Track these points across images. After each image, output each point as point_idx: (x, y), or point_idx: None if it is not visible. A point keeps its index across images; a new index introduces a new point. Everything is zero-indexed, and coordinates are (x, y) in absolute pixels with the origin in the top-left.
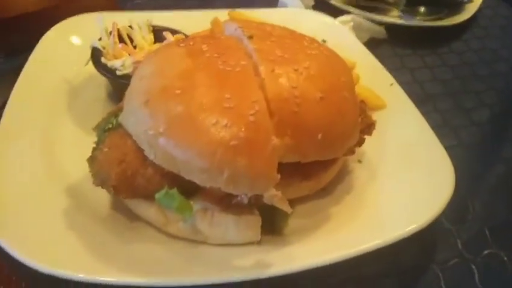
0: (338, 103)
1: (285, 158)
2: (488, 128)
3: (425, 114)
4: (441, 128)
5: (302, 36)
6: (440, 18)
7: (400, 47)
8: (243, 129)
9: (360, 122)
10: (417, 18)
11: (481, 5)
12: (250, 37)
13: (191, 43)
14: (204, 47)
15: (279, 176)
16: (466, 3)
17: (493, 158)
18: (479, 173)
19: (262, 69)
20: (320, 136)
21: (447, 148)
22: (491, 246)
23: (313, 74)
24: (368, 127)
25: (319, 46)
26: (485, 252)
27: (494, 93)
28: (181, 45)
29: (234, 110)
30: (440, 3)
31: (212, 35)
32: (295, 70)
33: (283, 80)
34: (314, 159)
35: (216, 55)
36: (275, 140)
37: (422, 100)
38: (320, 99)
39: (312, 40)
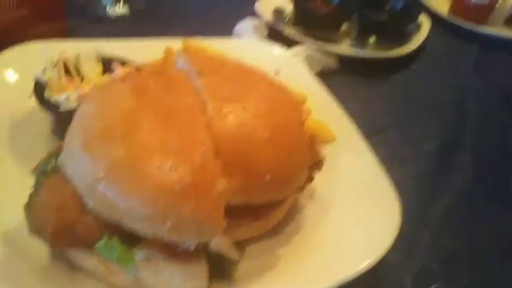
0: (287, 142)
1: (233, 200)
2: (434, 159)
3: (375, 145)
4: (390, 159)
5: (253, 71)
6: (390, 48)
7: (352, 77)
8: (188, 172)
9: (310, 159)
10: (368, 48)
11: (428, 34)
12: (200, 72)
13: (137, 79)
14: (151, 83)
15: (225, 221)
16: (414, 33)
17: (440, 188)
18: (426, 204)
19: (209, 107)
20: (268, 177)
21: (395, 180)
22: (439, 279)
23: (262, 112)
24: (317, 164)
25: (269, 81)
26: (434, 286)
27: (440, 124)
28: (126, 81)
29: (179, 152)
30: (389, 33)
31: (160, 70)
32: (244, 108)
33: (231, 119)
34: (263, 200)
35: (162, 92)
36: (222, 183)
37: (373, 131)
38: (269, 138)
39: (262, 76)
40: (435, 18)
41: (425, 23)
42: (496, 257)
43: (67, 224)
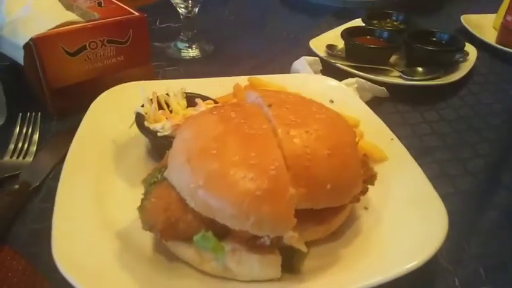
0: (343, 158)
1: (300, 205)
2: (482, 177)
3: (424, 165)
4: (439, 177)
5: (311, 102)
6: (438, 77)
7: (401, 104)
8: (265, 181)
9: (363, 174)
10: (416, 78)
11: (475, 63)
12: (269, 105)
13: (222, 111)
14: (233, 114)
15: (295, 220)
16: (461, 62)
17: (487, 204)
18: (474, 218)
19: (279, 131)
20: (328, 186)
21: (444, 196)
22: (485, 284)
23: (321, 135)
24: (370, 178)
25: (326, 110)
26: None
27: (488, 145)
28: (214, 112)
29: (258, 166)
30: (436, 64)
31: (238, 103)
32: (307, 132)
33: (297, 140)
34: (325, 206)
35: (242, 121)
36: (292, 190)
37: (422, 152)
38: (328, 155)
39: (320, 105)
40: (482, 47)
41: (472, 53)
42: None
43: (172, 221)
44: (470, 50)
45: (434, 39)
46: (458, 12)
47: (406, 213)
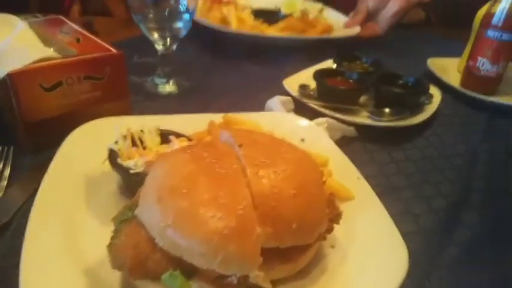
0: (308, 198)
1: (267, 244)
2: (443, 215)
3: (390, 202)
4: (404, 215)
5: (281, 142)
6: (404, 118)
7: (369, 144)
8: (233, 220)
9: (329, 213)
10: (384, 119)
11: (440, 105)
12: (240, 145)
13: (194, 150)
14: (205, 154)
15: (261, 258)
16: (426, 104)
17: (447, 241)
18: (435, 255)
19: (248, 171)
20: (294, 226)
21: (408, 233)
22: None
23: (288, 175)
24: (336, 217)
25: (294, 150)
26: None
27: (450, 184)
28: (187, 151)
29: (227, 205)
30: (403, 105)
31: (211, 143)
32: (275, 172)
33: (265, 181)
34: (290, 245)
35: (214, 160)
36: (258, 229)
37: (388, 191)
38: (293, 195)
39: (289, 145)
40: (448, 90)
41: (436, 95)
42: None
43: (141, 259)
44: (435, 92)
45: (401, 81)
46: (425, 55)
47: (370, 252)
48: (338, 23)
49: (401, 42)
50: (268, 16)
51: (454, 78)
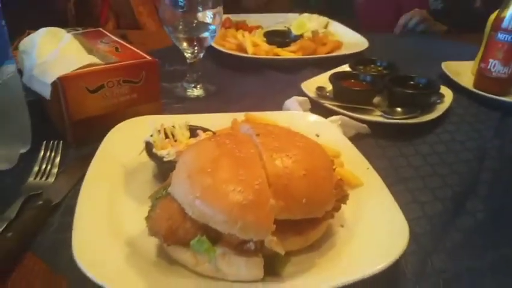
0: (317, 178)
1: (280, 215)
2: (448, 203)
3: (398, 192)
4: (411, 203)
5: (295, 133)
6: (415, 117)
7: (382, 140)
8: (250, 193)
9: (337, 193)
10: (396, 117)
11: (452, 105)
12: (257, 135)
13: (218, 138)
14: (227, 141)
15: (274, 226)
16: (438, 104)
17: (451, 227)
18: (438, 239)
19: (264, 155)
20: (304, 200)
21: (414, 219)
22: None
23: (299, 159)
24: (343, 197)
25: (306, 140)
26: None
27: (457, 176)
28: (212, 140)
29: (245, 181)
30: (414, 105)
31: (232, 133)
32: (287, 155)
33: (278, 162)
34: (301, 217)
35: (234, 146)
36: (272, 202)
37: (396, 181)
38: (304, 175)
39: (302, 136)
40: (461, 91)
41: (448, 95)
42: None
43: (174, 228)
44: (446, 93)
45: (413, 83)
46: (440, 60)
47: (375, 231)
48: (345, 37)
49: (417, 48)
50: (280, 38)
51: (467, 80)
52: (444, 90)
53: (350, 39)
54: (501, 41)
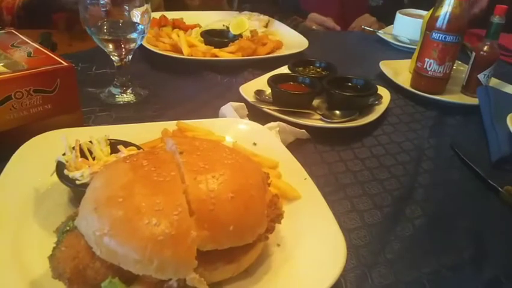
0: (246, 200)
1: (204, 247)
2: (387, 210)
3: (337, 201)
4: (350, 212)
5: (223, 148)
6: (353, 119)
7: (320, 145)
8: (168, 226)
9: (270, 213)
10: (335, 120)
11: (390, 105)
12: (181, 152)
13: (134, 159)
14: (144, 162)
15: (196, 262)
16: (376, 105)
17: (390, 236)
18: (378, 249)
19: (186, 177)
20: (231, 228)
21: (353, 230)
22: None
23: (227, 179)
24: (277, 217)
25: (236, 155)
26: None
27: (395, 181)
28: (127, 161)
29: (162, 212)
30: (353, 107)
31: (152, 151)
32: (213, 177)
33: (202, 186)
34: (228, 246)
35: (153, 168)
36: (194, 233)
37: (335, 190)
38: (231, 198)
39: (231, 150)
40: (398, 90)
41: (385, 96)
42: None
43: (80, 269)
44: (384, 93)
45: (350, 84)
46: (379, 59)
47: (312, 249)
48: (286, 37)
49: (356, 47)
50: (219, 37)
51: (405, 79)
52: (382, 90)
53: (291, 39)
54: (436, 40)
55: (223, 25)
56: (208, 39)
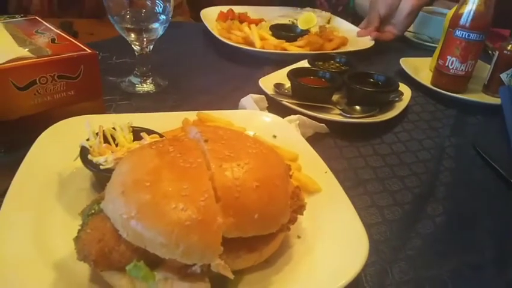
0: (270, 190)
1: (229, 234)
2: (408, 207)
3: (357, 196)
4: (370, 208)
5: (247, 137)
6: (373, 115)
7: (340, 140)
8: (195, 212)
9: (293, 204)
10: (355, 115)
11: (410, 102)
12: (206, 140)
13: (160, 145)
14: (170, 148)
15: (222, 248)
16: (396, 101)
17: (411, 233)
18: (399, 246)
19: (212, 164)
20: (256, 216)
21: (373, 225)
22: None
23: (251, 168)
24: (299, 208)
25: (259, 145)
26: None
27: (416, 178)
28: (153, 147)
29: (189, 197)
30: (373, 103)
31: (177, 138)
32: (238, 165)
33: (228, 173)
34: (252, 235)
35: (178, 155)
36: (219, 220)
37: (355, 184)
38: (256, 187)
39: (255, 140)
40: (419, 88)
41: (406, 93)
42: None
43: (106, 252)
44: (405, 90)
45: (372, 80)
46: (400, 56)
47: (333, 242)
48: (350, 33)
49: (375, 44)
50: (287, 32)
51: (425, 77)
52: (403, 87)
53: (354, 35)
54: (459, 38)
55: (289, 20)
56: (277, 33)
